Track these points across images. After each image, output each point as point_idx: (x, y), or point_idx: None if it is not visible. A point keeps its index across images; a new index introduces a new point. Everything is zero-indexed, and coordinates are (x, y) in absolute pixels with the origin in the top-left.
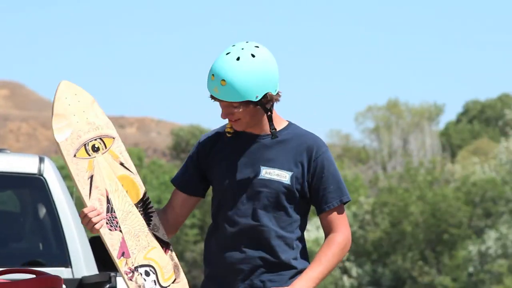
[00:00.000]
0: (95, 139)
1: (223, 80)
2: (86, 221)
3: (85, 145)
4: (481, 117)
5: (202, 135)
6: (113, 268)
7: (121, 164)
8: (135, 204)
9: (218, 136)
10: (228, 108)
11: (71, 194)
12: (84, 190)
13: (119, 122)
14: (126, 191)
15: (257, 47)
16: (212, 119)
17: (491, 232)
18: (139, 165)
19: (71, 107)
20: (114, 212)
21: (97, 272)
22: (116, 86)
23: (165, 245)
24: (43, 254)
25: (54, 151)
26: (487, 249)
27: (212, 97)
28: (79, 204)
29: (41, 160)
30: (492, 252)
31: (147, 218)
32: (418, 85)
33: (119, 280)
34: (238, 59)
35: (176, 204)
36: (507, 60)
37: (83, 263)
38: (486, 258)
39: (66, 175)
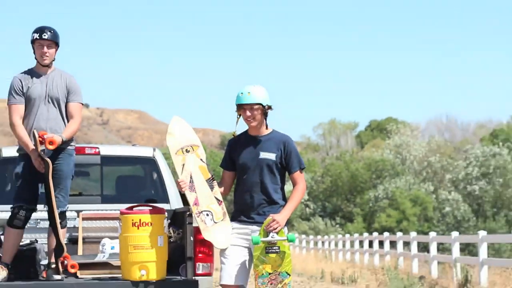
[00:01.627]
0: (188, 146)
1: (248, 92)
2: (179, 186)
3: (182, 148)
4: (376, 128)
5: (230, 138)
6: (190, 204)
7: (201, 159)
8: (205, 180)
9: (238, 138)
10: (251, 111)
11: (169, 166)
12: (178, 171)
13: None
14: (201, 173)
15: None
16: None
17: (380, 186)
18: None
19: (176, 129)
20: (193, 183)
21: (182, 206)
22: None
23: (218, 201)
24: (155, 196)
25: (160, 146)
26: (379, 195)
27: (239, 107)
28: (173, 173)
29: (154, 149)
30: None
31: (211, 187)
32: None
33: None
34: (253, 86)
35: (225, 177)
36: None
37: (175, 202)
38: (378, 199)
39: (167, 157)
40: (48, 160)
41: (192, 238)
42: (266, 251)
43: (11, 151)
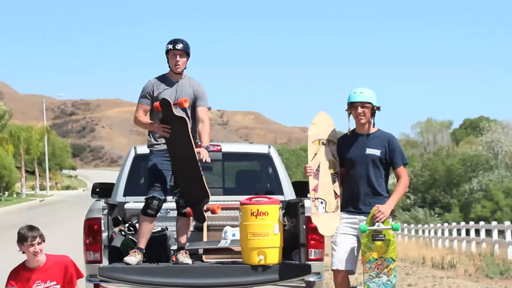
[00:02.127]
0: (325, 140)
1: (361, 92)
2: (306, 171)
3: (319, 140)
4: (470, 126)
5: (339, 136)
6: (302, 196)
7: (333, 155)
8: (331, 173)
9: (346, 136)
10: (362, 108)
11: (283, 162)
12: (309, 158)
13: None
14: (329, 166)
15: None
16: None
17: (475, 179)
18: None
19: (320, 122)
20: (319, 172)
21: (295, 198)
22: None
23: (336, 195)
24: (270, 189)
25: (274, 143)
26: (473, 187)
27: (351, 105)
28: (287, 168)
29: (269, 147)
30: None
31: (333, 181)
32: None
33: (306, 201)
34: (364, 89)
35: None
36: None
37: (289, 193)
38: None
39: (280, 153)
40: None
41: (304, 227)
42: (373, 239)
43: (143, 149)
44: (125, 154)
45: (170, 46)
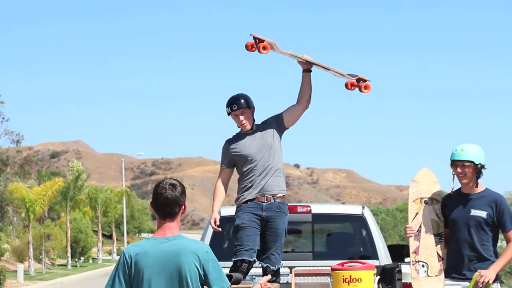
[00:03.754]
0: (428, 198)
1: (462, 149)
2: (406, 232)
3: (421, 198)
4: None
5: (444, 195)
6: (398, 261)
7: (436, 214)
8: (433, 233)
9: (451, 196)
10: (462, 168)
11: (377, 223)
12: (410, 217)
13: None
14: (432, 226)
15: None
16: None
17: None
18: None
19: (422, 179)
20: (420, 233)
21: (391, 262)
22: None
23: (439, 257)
24: (364, 253)
25: (368, 203)
26: None
27: (452, 163)
28: (381, 229)
29: (363, 207)
30: None
31: (437, 242)
32: None
33: (403, 266)
34: (468, 145)
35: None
36: None
37: (384, 257)
38: None
39: (375, 214)
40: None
41: None
42: None
43: (228, 210)
44: (207, 216)
45: (228, 110)
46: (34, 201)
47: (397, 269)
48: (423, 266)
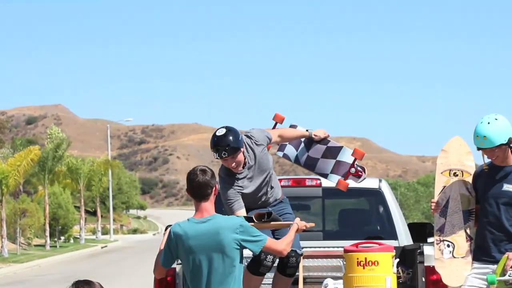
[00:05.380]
0: (458, 170)
1: (484, 136)
2: (431, 207)
3: (450, 170)
4: None
5: (475, 170)
6: (420, 241)
7: (467, 188)
8: (463, 209)
9: (481, 171)
10: (491, 152)
11: (396, 199)
12: (436, 191)
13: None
14: (461, 202)
15: (496, 119)
16: None
17: None
18: None
19: (453, 149)
20: (447, 209)
21: (412, 243)
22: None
23: (468, 237)
24: (381, 232)
25: (386, 176)
26: None
27: (478, 148)
28: (401, 206)
29: (380, 180)
30: None
31: (466, 220)
32: None
33: (426, 247)
34: (488, 123)
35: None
36: None
37: (404, 237)
38: None
39: (393, 188)
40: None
41: (424, 279)
42: None
43: None
44: None
45: (216, 156)
46: (7, 173)
47: (418, 251)
48: (448, 246)
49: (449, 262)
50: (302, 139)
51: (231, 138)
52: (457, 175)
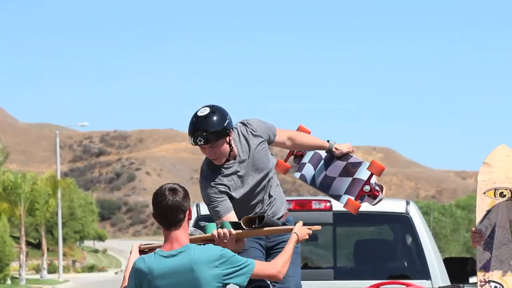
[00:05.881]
0: (505, 189)
1: None
2: (472, 238)
3: (495, 189)
4: None
5: None
6: (460, 281)
7: None
8: None
9: None
10: None
11: (429, 226)
12: (478, 216)
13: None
14: (510, 230)
15: None
16: None
17: None
18: None
19: (498, 162)
20: (493, 239)
21: (449, 284)
22: None
23: None
24: (409, 270)
25: (415, 196)
26: None
27: None
28: (434, 234)
29: (407, 203)
30: None
31: None
32: None
33: None
34: None
35: None
36: None
37: (439, 277)
38: None
39: (424, 212)
40: None
41: None
42: None
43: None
44: None
45: (191, 141)
46: None
47: None
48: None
49: None
50: (323, 155)
51: (213, 120)
52: (504, 195)
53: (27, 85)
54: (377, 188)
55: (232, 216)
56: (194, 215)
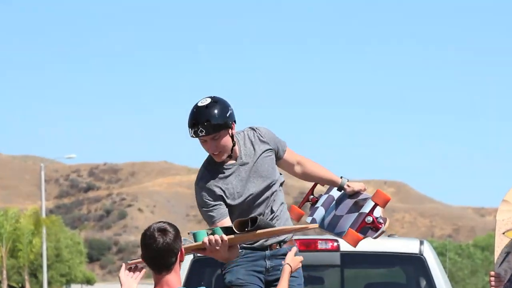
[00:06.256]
0: None
1: None
2: (491, 282)
3: None
4: None
5: None
6: None
7: None
8: None
9: None
10: None
11: (444, 268)
12: (498, 259)
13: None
14: None
15: None
16: None
17: None
18: None
19: None
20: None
21: None
22: None
23: None
24: None
25: (430, 235)
26: None
27: None
28: (449, 276)
29: (421, 242)
30: None
31: None
32: None
33: None
34: None
35: None
36: None
37: None
38: None
39: (439, 252)
40: None
41: None
42: None
43: None
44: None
45: (191, 133)
46: None
47: None
48: None
49: None
50: (336, 196)
51: (215, 111)
52: None
53: (9, 114)
54: (380, 220)
55: (227, 223)
56: (189, 257)
